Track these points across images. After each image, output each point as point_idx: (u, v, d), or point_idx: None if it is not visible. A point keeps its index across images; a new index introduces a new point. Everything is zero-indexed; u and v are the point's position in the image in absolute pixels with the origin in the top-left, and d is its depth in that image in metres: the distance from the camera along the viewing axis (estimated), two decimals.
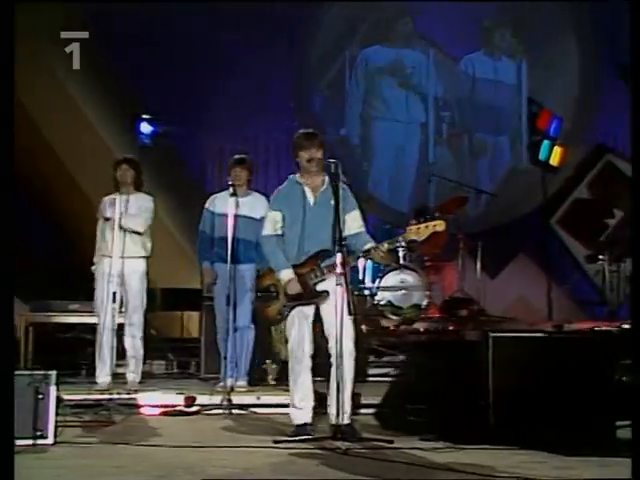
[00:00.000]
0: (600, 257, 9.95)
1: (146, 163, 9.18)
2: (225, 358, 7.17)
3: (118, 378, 7.44)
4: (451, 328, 8.03)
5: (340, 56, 12.32)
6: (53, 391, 5.32)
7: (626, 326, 7.34)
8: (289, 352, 5.77)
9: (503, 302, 10.38)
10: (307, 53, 12.20)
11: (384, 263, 7.70)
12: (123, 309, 7.37)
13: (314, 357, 5.76)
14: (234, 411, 6.69)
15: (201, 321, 8.34)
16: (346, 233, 5.64)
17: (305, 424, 5.66)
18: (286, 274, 5.65)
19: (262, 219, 7.16)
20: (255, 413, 6.76)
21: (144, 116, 9.74)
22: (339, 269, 5.35)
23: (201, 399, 6.93)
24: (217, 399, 6.81)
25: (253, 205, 7.46)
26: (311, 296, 5.67)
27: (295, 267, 5.66)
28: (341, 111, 12.40)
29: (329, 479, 4.41)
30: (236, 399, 6.81)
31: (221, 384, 7.32)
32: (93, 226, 7.65)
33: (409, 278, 9.10)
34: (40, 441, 5.18)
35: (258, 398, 7.03)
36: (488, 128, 12.30)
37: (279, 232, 5.78)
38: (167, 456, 4.98)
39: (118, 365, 7.90)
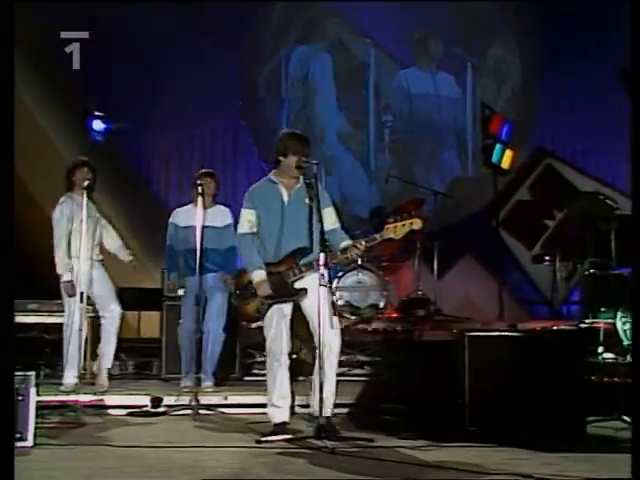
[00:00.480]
0: (547, 257, 10.20)
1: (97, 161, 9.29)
2: (199, 360, 7.24)
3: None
4: (410, 328, 8.14)
5: (276, 55, 12.40)
6: (33, 393, 5.27)
7: (583, 325, 7.60)
8: (267, 350, 5.77)
9: (451, 302, 10.53)
10: (252, 52, 12.19)
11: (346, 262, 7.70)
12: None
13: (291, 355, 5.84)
14: (201, 411, 6.66)
15: (162, 321, 8.31)
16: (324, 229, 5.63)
17: (283, 423, 5.70)
18: (258, 275, 5.68)
19: (226, 227, 7.57)
20: (223, 413, 6.77)
21: (96, 113, 9.63)
22: (322, 268, 5.43)
23: (167, 400, 6.91)
24: (184, 400, 6.81)
25: (217, 215, 7.62)
26: (289, 294, 5.71)
27: (273, 265, 5.70)
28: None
29: (332, 479, 4.48)
30: (203, 399, 6.80)
31: (184, 384, 7.39)
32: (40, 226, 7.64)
33: (366, 278, 9.23)
34: (20, 443, 5.10)
35: (225, 398, 7.05)
36: (431, 133, 12.50)
37: (254, 230, 5.79)
38: (155, 457, 4.98)
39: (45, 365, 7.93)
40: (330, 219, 5.79)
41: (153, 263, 9.96)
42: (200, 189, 7.25)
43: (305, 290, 5.65)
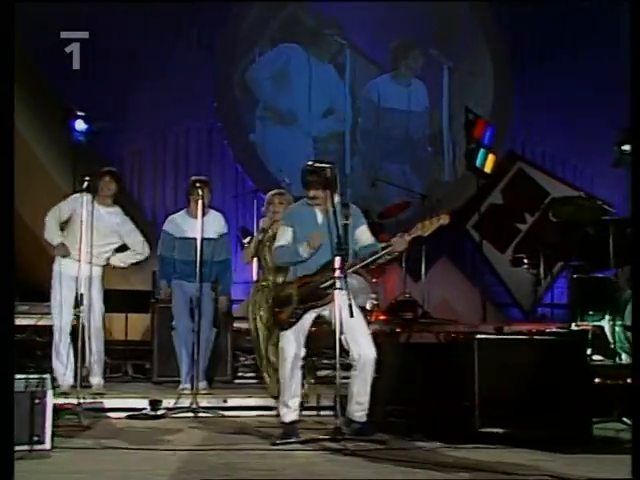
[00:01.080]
0: (526, 261, 10.36)
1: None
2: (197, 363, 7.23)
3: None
4: (401, 330, 8.23)
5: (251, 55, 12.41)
6: (50, 395, 5.25)
7: (574, 327, 7.78)
8: (280, 351, 5.87)
9: (429, 304, 10.64)
10: (228, 52, 12.19)
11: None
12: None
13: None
14: (201, 414, 6.73)
15: (153, 324, 8.31)
16: (360, 245, 5.92)
17: (293, 422, 5.78)
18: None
19: (220, 237, 7.73)
20: (223, 416, 6.82)
21: (79, 113, 9.55)
22: (338, 273, 5.53)
23: (166, 402, 6.93)
24: (183, 402, 6.85)
25: (212, 224, 7.64)
26: (320, 298, 5.81)
27: (308, 277, 5.84)
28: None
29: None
30: (202, 402, 6.86)
31: (182, 387, 7.42)
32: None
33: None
34: (38, 446, 5.10)
35: (225, 401, 7.11)
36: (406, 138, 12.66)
37: (290, 245, 5.96)
38: (181, 458, 5.00)
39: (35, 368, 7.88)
40: (365, 235, 6.00)
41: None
42: (200, 198, 7.28)
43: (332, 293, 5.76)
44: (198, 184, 7.47)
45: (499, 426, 5.65)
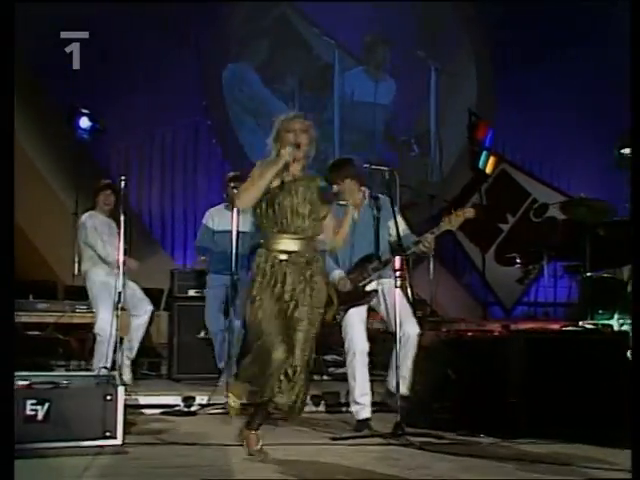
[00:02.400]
0: (518, 260, 10.67)
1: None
2: (229, 358, 7.33)
3: None
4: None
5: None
6: (121, 391, 5.33)
7: (589, 326, 8.03)
8: (346, 351, 6.09)
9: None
10: (217, 52, 12.26)
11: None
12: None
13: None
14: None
15: (172, 322, 8.36)
16: (394, 237, 6.08)
17: (366, 419, 5.98)
18: (338, 274, 6.07)
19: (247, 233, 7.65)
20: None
21: (83, 110, 9.57)
22: (398, 271, 5.75)
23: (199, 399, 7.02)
24: (217, 399, 6.93)
25: (245, 220, 7.65)
26: (361, 297, 6.02)
27: (345, 274, 6.08)
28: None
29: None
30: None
31: (222, 382, 7.47)
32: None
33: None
34: (110, 442, 5.19)
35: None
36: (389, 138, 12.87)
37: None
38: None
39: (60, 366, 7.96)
40: (400, 226, 6.13)
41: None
42: (228, 195, 7.55)
43: (375, 291, 5.99)
44: (234, 179, 7.65)
45: (545, 423, 5.79)
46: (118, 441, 5.22)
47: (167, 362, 8.47)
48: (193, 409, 6.91)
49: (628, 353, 6.85)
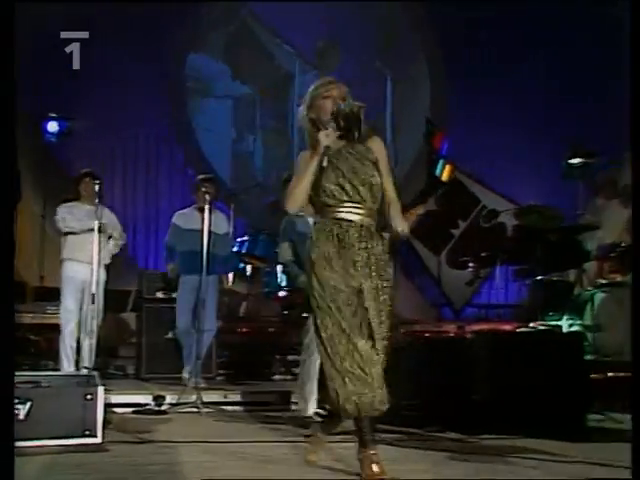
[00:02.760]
0: (470, 264, 10.83)
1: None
2: (198, 359, 7.40)
3: None
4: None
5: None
6: (100, 391, 5.37)
7: (542, 327, 8.22)
8: (305, 349, 6.41)
9: None
10: (180, 58, 12.26)
11: None
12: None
13: None
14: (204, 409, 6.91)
15: (140, 323, 8.39)
16: None
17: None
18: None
19: (225, 235, 7.74)
20: (224, 410, 7.03)
21: (51, 114, 9.56)
22: None
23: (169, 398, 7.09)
24: (187, 397, 7.02)
25: (217, 222, 7.81)
26: None
27: None
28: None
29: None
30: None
31: (188, 382, 7.52)
32: None
33: None
34: (90, 440, 5.21)
35: (225, 397, 7.31)
36: None
37: None
38: (250, 451, 5.16)
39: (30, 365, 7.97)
40: None
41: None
42: (207, 196, 7.47)
43: None
44: (205, 181, 7.75)
45: (507, 418, 5.96)
46: (98, 439, 5.26)
47: (135, 362, 8.48)
48: (164, 408, 6.98)
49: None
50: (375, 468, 4.22)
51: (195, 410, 6.91)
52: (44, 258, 9.89)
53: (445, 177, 11.76)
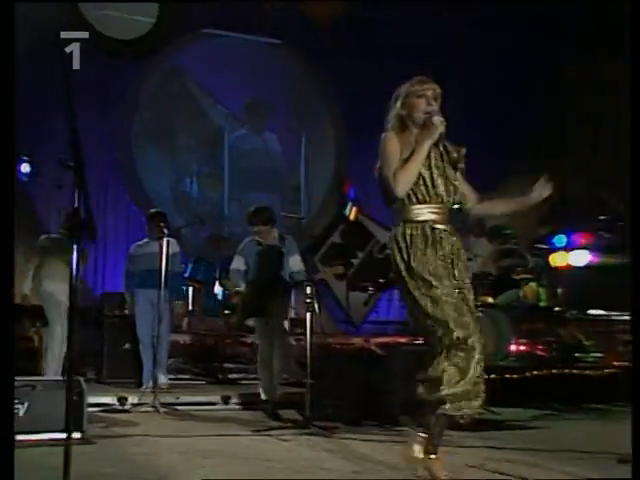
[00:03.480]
0: (370, 288, 11.13)
1: None
2: (157, 365, 7.39)
3: None
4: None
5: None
6: (85, 393, 5.37)
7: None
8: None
9: None
10: (126, 108, 12.13)
11: None
12: None
13: None
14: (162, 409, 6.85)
15: (102, 335, 8.34)
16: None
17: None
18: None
19: (173, 255, 7.73)
20: (176, 410, 6.95)
21: (24, 157, 9.38)
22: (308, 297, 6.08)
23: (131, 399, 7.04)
24: (146, 399, 6.98)
25: (171, 245, 7.72)
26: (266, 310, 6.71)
27: None
28: None
29: None
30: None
31: (146, 385, 7.50)
32: None
33: None
34: (78, 434, 5.14)
35: (177, 398, 7.28)
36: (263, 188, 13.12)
37: None
38: (245, 444, 5.23)
39: None
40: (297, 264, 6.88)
41: None
42: (162, 224, 7.55)
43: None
44: (157, 215, 7.89)
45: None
46: (84, 434, 5.25)
47: (95, 368, 8.36)
48: (127, 407, 6.93)
49: None
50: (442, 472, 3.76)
51: (152, 409, 6.85)
52: None
53: (352, 217, 12.07)
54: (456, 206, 4.04)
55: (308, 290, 6.09)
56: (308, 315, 6.11)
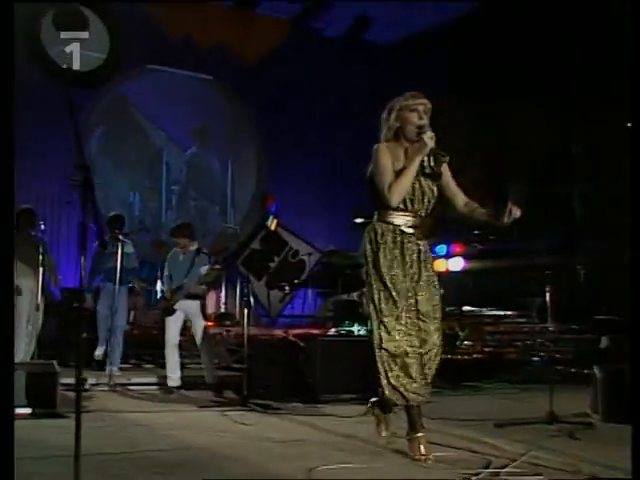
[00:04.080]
0: (286, 287, 11.41)
1: None
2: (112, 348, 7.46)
3: None
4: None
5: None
6: (58, 375, 5.42)
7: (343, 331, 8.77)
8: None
9: None
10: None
11: None
12: None
13: None
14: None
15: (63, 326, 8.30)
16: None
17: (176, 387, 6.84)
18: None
19: (131, 254, 7.77)
20: (128, 390, 7.07)
21: None
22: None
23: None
24: (102, 379, 7.09)
25: (126, 246, 7.79)
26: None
27: None
28: None
29: None
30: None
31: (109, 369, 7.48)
32: None
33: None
34: (50, 410, 5.23)
35: (129, 379, 7.38)
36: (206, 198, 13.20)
37: None
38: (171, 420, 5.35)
39: None
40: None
41: None
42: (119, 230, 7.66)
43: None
44: (114, 219, 7.92)
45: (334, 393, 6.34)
46: (57, 410, 5.28)
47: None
48: (86, 387, 6.94)
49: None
50: (423, 450, 3.76)
51: (107, 389, 6.92)
52: None
53: (273, 227, 12.28)
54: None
55: (244, 290, 6.27)
56: (245, 310, 6.25)
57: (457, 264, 11.44)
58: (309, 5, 12.81)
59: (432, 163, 3.85)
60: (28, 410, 5.16)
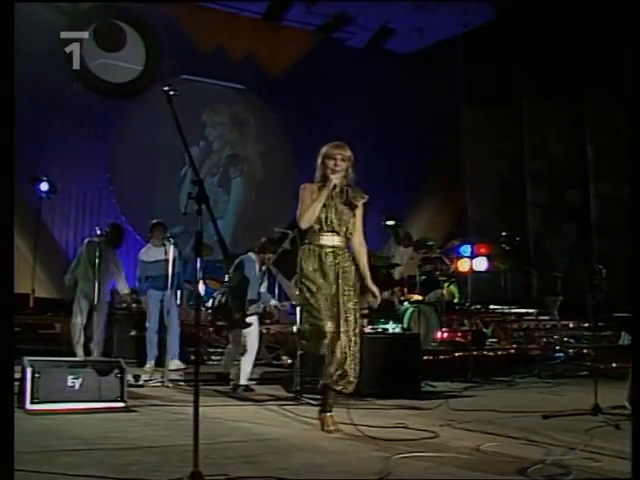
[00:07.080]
0: None
1: None
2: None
3: None
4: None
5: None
6: (126, 371, 5.54)
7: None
8: None
9: None
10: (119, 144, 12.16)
11: None
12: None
13: None
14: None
15: (112, 324, 8.43)
16: None
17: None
18: None
19: (174, 259, 7.79)
20: (179, 385, 7.01)
21: (43, 177, 9.36)
22: None
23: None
24: (156, 376, 7.15)
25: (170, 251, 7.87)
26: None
27: None
28: None
29: None
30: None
31: (149, 366, 7.68)
32: None
33: None
34: (120, 404, 5.32)
35: (181, 375, 7.46)
36: None
37: None
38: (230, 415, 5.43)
39: None
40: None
41: None
42: (165, 233, 7.83)
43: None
44: (159, 225, 8.07)
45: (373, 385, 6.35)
46: (124, 404, 5.36)
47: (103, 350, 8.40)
48: (140, 383, 7.05)
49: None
50: (332, 426, 4.43)
51: (160, 384, 6.99)
52: None
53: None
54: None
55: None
56: (298, 309, 6.29)
57: (481, 264, 11.47)
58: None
59: (350, 194, 4.58)
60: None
